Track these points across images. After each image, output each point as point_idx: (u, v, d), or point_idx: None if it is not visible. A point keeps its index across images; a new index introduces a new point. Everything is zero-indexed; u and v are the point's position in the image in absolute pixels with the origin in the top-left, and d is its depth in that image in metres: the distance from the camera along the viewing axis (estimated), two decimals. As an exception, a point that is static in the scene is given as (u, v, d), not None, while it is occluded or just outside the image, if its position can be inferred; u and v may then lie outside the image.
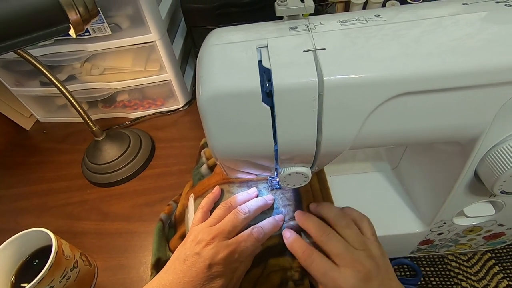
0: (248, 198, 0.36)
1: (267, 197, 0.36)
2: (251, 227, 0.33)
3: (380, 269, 0.29)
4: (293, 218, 0.35)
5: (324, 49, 0.22)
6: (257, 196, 0.37)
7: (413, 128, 0.23)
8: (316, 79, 0.21)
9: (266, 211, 0.36)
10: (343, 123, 0.23)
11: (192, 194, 0.42)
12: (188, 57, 0.74)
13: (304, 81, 0.21)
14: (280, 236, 0.34)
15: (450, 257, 0.41)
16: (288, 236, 0.33)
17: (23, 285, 0.38)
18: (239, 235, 0.31)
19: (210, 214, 0.35)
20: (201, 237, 0.31)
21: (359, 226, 0.32)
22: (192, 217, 0.38)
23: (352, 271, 0.27)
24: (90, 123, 0.52)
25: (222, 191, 0.39)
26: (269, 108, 0.22)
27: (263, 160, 0.26)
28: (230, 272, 0.29)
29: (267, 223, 0.33)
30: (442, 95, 0.22)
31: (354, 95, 0.21)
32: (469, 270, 0.40)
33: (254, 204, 0.35)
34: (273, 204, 0.37)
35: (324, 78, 0.21)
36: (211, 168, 0.45)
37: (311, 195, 0.38)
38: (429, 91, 0.21)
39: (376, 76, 0.21)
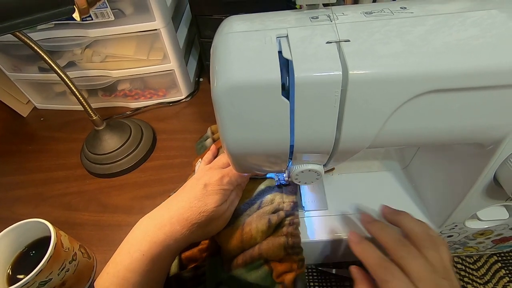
0: None
1: None
2: None
3: None
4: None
5: (348, 41, 0.21)
6: None
7: (438, 128, 0.22)
8: (340, 73, 0.20)
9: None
10: (364, 120, 0.22)
11: (200, 160, 0.45)
12: (191, 47, 0.72)
13: (327, 74, 0.20)
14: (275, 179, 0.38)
15: (455, 259, 0.41)
16: (357, 240, 0.29)
17: (19, 276, 0.37)
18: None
19: None
20: (200, 171, 0.36)
21: (437, 249, 0.27)
22: None
23: None
24: (90, 111, 0.50)
25: (218, 150, 0.44)
26: (288, 102, 0.21)
27: (276, 156, 0.25)
28: (223, 194, 0.33)
29: None
30: (471, 94, 0.21)
31: (380, 91, 0.20)
32: (475, 273, 0.39)
33: None
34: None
35: (349, 72, 0.19)
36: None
37: None
38: (458, 89, 0.20)
39: (405, 72, 0.20)
